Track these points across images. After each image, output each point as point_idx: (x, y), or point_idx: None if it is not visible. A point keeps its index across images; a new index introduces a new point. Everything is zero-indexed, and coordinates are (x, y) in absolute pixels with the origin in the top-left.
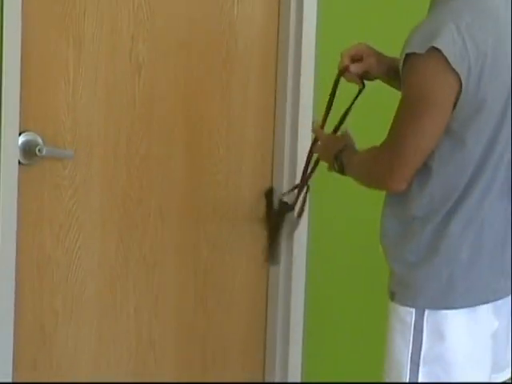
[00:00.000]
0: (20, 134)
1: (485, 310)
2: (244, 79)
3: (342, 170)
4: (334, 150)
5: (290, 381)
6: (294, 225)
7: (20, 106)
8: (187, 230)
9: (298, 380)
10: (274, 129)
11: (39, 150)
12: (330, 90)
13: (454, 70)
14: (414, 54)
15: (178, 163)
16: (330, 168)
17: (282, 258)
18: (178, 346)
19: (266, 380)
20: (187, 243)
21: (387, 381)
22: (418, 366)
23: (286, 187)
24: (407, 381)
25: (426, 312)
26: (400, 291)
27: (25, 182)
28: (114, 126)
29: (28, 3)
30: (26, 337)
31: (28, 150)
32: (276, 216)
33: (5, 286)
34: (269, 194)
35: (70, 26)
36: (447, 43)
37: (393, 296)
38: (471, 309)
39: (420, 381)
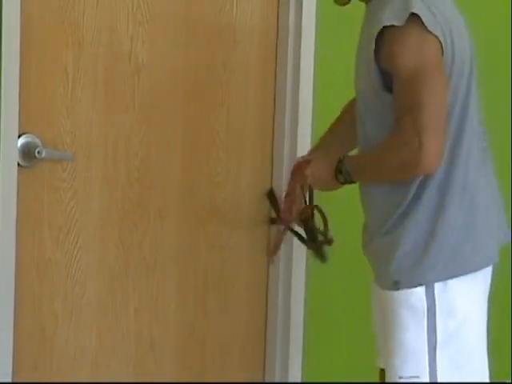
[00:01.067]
0: (19, 137)
1: (488, 272)
2: (243, 81)
3: (349, 179)
4: (331, 166)
5: (290, 381)
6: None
7: (19, 108)
8: (187, 232)
9: (299, 380)
10: (274, 130)
11: (38, 153)
12: (329, 91)
13: (432, 33)
14: (392, 26)
15: (177, 165)
16: (333, 187)
17: (282, 258)
18: (177, 346)
19: (266, 380)
20: (187, 245)
21: (403, 375)
22: (435, 350)
23: (285, 188)
24: (427, 368)
25: (436, 291)
26: (405, 276)
27: (24, 184)
28: (114, 128)
29: (27, 6)
30: (25, 339)
31: (27, 153)
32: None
33: (4, 288)
34: (271, 194)
35: (68, 28)
36: (421, 11)
37: (397, 285)
38: (475, 275)
39: (438, 365)
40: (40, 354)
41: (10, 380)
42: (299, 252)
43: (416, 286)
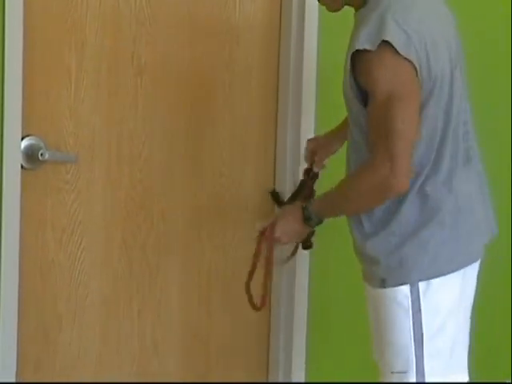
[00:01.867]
0: (22, 139)
1: (473, 268)
2: (246, 81)
3: (319, 220)
4: (297, 219)
5: (293, 381)
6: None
7: (22, 111)
8: (190, 233)
9: (302, 380)
10: (277, 131)
11: (41, 155)
12: (331, 91)
13: (405, 58)
14: (365, 50)
15: (181, 166)
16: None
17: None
18: (181, 347)
19: (270, 380)
20: (190, 245)
21: (394, 371)
22: (422, 345)
23: (288, 189)
24: (414, 363)
25: (421, 289)
26: (391, 274)
27: (27, 186)
28: (117, 129)
29: (30, 7)
30: (29, 340)
31: (30, 155)
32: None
33: (8, 290)
34: (275, 194)
35: (71, 29)
36: (393, 36)
37: (384, 283)
38: (459, 272)
39: (425, 360)
40: (44, 355)
41: (13, 380)
42: (302, 253)
43: (401, 285)
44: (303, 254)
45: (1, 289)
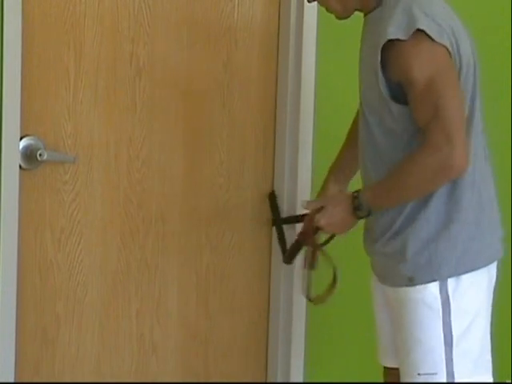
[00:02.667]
0: (21, 139)
1: (494, 266)
2: (245, 82)
3: (369, 211)
4: (346, 207)
5: (292, 381)
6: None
7: (21, 111)
8: (189, 234)
9: (301, 380)
10: (275, 132)
11: (40, 155)
12: (330, 94)
13: (440, 44)
14: (398, 40)
15: (179, 167)
16: (352, 226)
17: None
18: (180, 348)
19: (269, 380)
20: (189, 247)
21: (422, 372)
22: (452, 346)
23: (286, 190)
24: (445, 364)
25: (450, 287)
26: (419, 272)
27: (26, 186)
28: (115, 130)
29: (28, 8)
30: (28, 340)
31: (29, 155)
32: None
33: (7, 291)
34: (272, 197)
35: (70, 30)
36: (426, 25)
37: (411, 281)
38: (484, 270)
39: (455, 361)
40: (42, 356)
41: (12, 381)
42: (301, 253)
43: (430, 282)
44: (301, 254)
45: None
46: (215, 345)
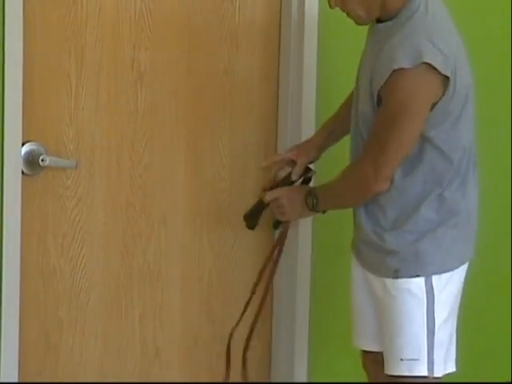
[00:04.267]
0: (23, 145)
1: (466, 265)
2: (246, 86)
3: (316, 206)
4: (302, 193)
5: (295, 381)
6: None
7: (22, 116)
8: (191, 238)
9: (304, 380)
10: (277, 135)
11: (42, 160)
12: (331, 96)
13: (443, 75)
14: (401, 69)
15: (181, 171)
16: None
17: (287, 261)
18: (182, 353)
19: (272, 380)
20: (191, 251)
21: (404, 358)
22: (434, 334)
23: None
24: (426, 351)
25: (434, 282)
26: (405, 266)
27: (28, 192)
28: (117, 135)
29: (29, 13)
30: (31, 346)
31: (31, 160)
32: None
33: (10, 296)
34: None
35: (71, 35)
36: (432, 56)
37: (397, 273)
38: (461, 269)
39: (435, 348)
40: (45, 361)
41: None
42: (304, 254)
43: (415, 277)
44: (305, 256)
45: (2, 295)
46: (218, 349)
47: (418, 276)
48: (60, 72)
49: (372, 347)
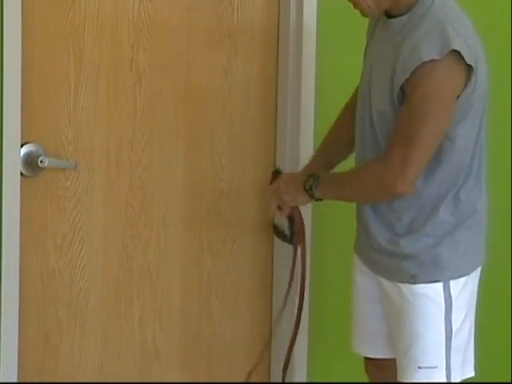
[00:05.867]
0: (22, 146)
1: (480, 268)
2: (245, 87)
3: (315, 186)
4: (301, 175)
5: (295, 381)
6: None
7: (21, 118)
8: (190, 239)
9: (304, 380)
10: (276, 136)
11: (41, 162)
12: (330, 99)
13: (468, 64)
14: (431, 60)
15: (180, 172)
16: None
17: (285, 263)
18: (182, 353)
19: (272, 380)
20: (191, 252)
21: (422, 366)
22: (450, 341)
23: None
24: (444, 358)
25: (451, 286)
26: (423, 271)
27: (27, 193)
28: (116, 136)
29: (28, 15)
30: (30, 347)
31: (30, 162)
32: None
33: (9, 297)
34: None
35: (70, 36)
36: (459, 44)
37: (414, 278)
38: (477, 271)
39: (452, 353)
40: (45, 362)
41: None
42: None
43: (433, 282)
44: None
45: (2, 296)
46: (218, 349)
47: (436, 281)
48: (59, 73)
49: (374, 354)
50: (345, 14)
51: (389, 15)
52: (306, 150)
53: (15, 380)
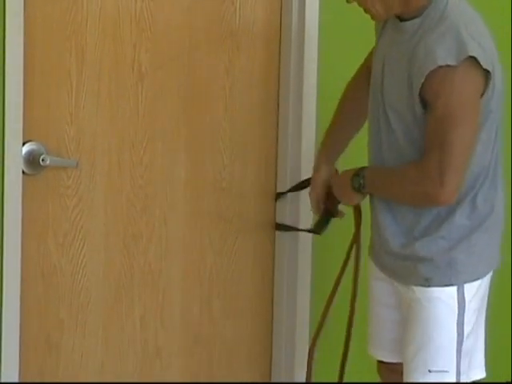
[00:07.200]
0: (24, 144)
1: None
2: (247, 86)
3: (363, 184)
4: (351, 172)
5: (296, 381)
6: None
7: (23, 116)
8: (192, 238)
9: (304, 380)
10: (277, 135)
11: (43, 160)
12: (332, 96)
13: (485, 70)
14: (446, 66)
15: (182, 171)
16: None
17: (287, 262)
18: (184, 352)
19: (273, 380)
20: (192, 251)
21: (433, 369)
22: (461, 344)
23: (289, 194)
24: (455, 362)
25: (466, 290)
26: (438, 274)
27: (29, 191)
28: (118, 135)
29: (30, 13)
30: (31, 346)
31: (32, 160)
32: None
33: (10, 296)
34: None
35: (71, 35)
36: (475, 50)
37: (428, 282)
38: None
39: (462, 356)
40: (46, 361)
41: None
42: (305, 255)
43: (447, 286)
44: (306, 257)
45: (3, 294)
46: (219, 349)
47: (451, 285)
48: (61, 72)
49: (389, 358)
50: (347, 14)
51: (400, 18)
52: (308, 149)
53: (16, 380)
